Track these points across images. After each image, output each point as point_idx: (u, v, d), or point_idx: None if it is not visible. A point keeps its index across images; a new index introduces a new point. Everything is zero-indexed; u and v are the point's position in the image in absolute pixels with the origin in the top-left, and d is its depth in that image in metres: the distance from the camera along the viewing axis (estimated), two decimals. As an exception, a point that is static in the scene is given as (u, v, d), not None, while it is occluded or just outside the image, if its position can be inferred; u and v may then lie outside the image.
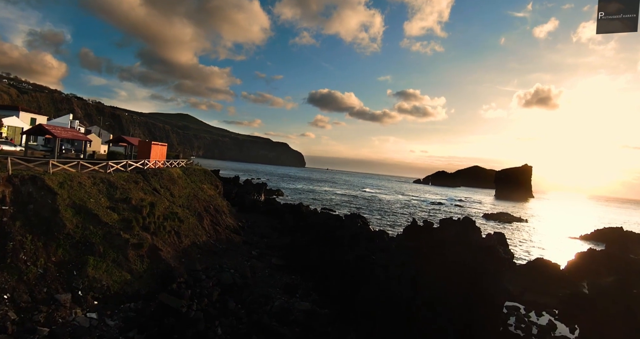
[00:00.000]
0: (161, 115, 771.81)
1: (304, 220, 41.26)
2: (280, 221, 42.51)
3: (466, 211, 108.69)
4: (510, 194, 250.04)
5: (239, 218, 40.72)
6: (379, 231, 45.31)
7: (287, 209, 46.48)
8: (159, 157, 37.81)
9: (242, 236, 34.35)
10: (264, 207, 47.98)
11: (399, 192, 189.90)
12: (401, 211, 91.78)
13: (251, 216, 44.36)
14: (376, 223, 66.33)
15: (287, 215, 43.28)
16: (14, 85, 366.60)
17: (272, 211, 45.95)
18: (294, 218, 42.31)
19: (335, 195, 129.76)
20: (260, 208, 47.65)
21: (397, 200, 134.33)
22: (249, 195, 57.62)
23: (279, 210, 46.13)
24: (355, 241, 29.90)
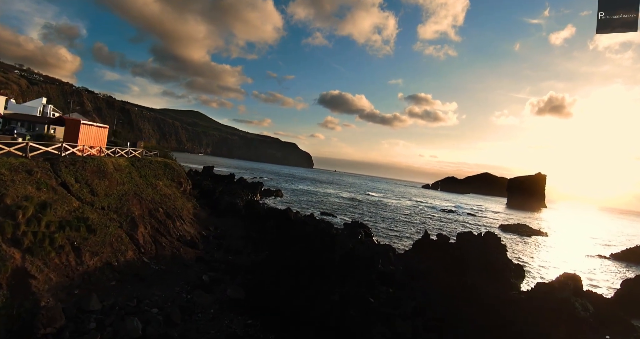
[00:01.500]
0: (171, 111, 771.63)
1: (290, 229, 32.68)
2: (260, 230, 34.05)
3: (481, 222, 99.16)
4: (523, 203, 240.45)
5: (207, 225, 32.42)
6: (384, 247, 36.58)
7: (272, 214, 37.44)
8: (94, 141, 29.75)
9: (199, 250, 25.88)
10: (246, 211, 39.33)
11: (407, 197, 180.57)
12: (409, 219, 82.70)
13: (226, 222, 35.88)
14: (381, 232, 57.47)
15: (271, 221, 34.69)
16: (25, 76, 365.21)
17: (254, 217, 37.27)
18: (278, 226, 33.76)
19: (338, 198, 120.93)
20: (240, 211, 39.10)
21: (404, 205, 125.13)
22: (232, 196, 49.35)
23: (262, 216, 37.32)
24: (348, 266, 21.19)
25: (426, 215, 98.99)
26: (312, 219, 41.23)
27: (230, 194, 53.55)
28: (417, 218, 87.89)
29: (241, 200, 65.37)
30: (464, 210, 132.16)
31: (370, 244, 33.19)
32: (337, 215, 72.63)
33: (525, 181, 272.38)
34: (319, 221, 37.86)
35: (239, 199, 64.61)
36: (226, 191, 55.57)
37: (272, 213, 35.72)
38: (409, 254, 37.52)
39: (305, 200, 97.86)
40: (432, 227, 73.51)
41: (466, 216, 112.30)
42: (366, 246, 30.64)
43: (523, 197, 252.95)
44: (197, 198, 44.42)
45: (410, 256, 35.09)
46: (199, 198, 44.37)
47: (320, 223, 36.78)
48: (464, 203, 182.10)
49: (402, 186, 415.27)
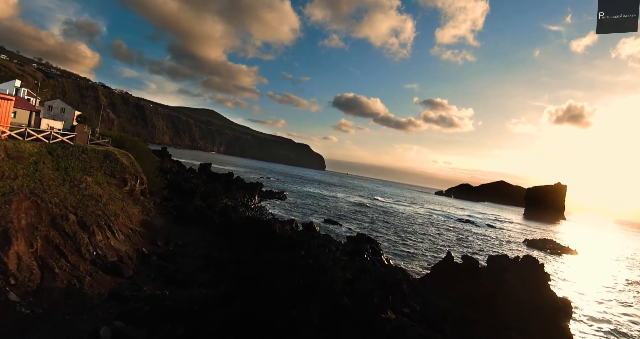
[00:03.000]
0: (186, 109, 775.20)
1: (272, 248, 25.18)
2: (231, 247, 26.39)
3: (502, 235, 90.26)
4: (541, 214, 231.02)
5: (159, 238, 25.06)
6: (395, 273, 28.78)
7: (251, 226, 29.14)
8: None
9: (124, 278, 18.34)
10: (219, 220, 31.45)
11: (420, 204, 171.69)
12: (423, 231, 74.47)
13: (189, 234, 28.26)
14: (391, 248, 49.57)
15: (248, 235, 26.99)
16: (42, 70, 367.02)
17: (226, 228, 29.38)
18: (255, 243, 26.11)
19: (347, 203, 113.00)
20: (211, 220, 31.34)
21: (418, 213, 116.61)
22: (216, 198, 42.15)
23: (237, 227, 29.19)
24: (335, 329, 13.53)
25: (441, 225, 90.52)
26: (307, 233, 33.55)
27: (215, 196, 46.07)
28: (432, 229, 79.58)
29: (233, 203, 58.22)
30: (481, 221, 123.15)
31: (378, 271, 25.40)
32: (342, 223, 64.91)
33: (545, 191, 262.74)
34: (313, 237, 30.21)
35: (231, 202, 57.47)
36: (210, 193, 48.00)
37: (252, 224, 27.79)
38: (427, 282, 29.71)
39: (309, 204, 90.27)
40: (449, 241, 65.26)
41: (485, 228, 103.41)
42: (372, 275, 22.94)
43: (541, 208, 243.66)
44: (168, 200, 37.27)
45: (428, 287, 27.31)
46: (169, 200, 37.23)
47: (315, 239, 29.12)
48: (479, 212, 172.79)
49: (414, 192, 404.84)
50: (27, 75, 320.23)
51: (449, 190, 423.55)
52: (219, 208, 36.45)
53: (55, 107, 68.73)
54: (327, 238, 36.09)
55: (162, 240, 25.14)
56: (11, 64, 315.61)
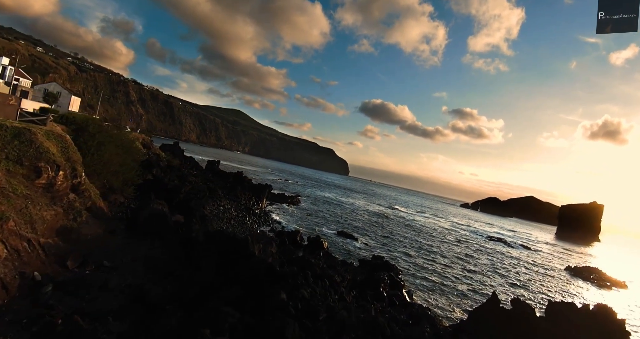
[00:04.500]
0: (214, 109, 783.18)
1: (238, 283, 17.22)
2: (187, 274, 18.32)
3: (541, 260, 79.40)
4: (575, 234, 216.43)
5: (78, 254, 17.49)
6: (418, 317, 20.18)
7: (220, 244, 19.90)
8: None
9: None
10: (183, 232, 23.23)
11: (445, 217, 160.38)
12: (452, 251, 64.97)
13: (138, 250, 20.43)
14: (415, 276, 40.70)
15: (214, 258, 18.91)
16: (76, 64, 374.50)
17: (187, 245, 21.09)
18: (221, 271, 18.04)
19: (366, 212, 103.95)
20: (172, 231, 23.24)
21: (443, 228, 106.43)
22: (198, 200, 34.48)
23: (201, 244, 20.63)
24: None
25: (471, 244, 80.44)
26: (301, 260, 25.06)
27: (200, 198, 38.11)
28: (461, 248, 69.81)
29: (233, 206, 50.61)
30: (513, 240, 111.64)
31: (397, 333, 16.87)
32: (358, 237, 56.28)
33: (580, 210, 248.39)
34: (309, 265, 21.98)
35: (231, 205, 49.87)
36: (195, 194, 40.09)
37: (221, 242, 19.52)
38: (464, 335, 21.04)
39: (323, 211, 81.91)
40: (482, 266, 55.71)
41: (519, 249, 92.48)
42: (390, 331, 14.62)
43: (575, 228, 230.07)
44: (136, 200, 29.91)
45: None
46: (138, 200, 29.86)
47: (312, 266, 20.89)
48: (509, 230, 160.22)
49: (439, 202, 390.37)
50: (61, 67, 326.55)
51: (476, 203, 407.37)
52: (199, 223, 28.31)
53: (51, 90, 63.21)
54: (331, 262, 27.89)
55: (77, 258, 17.49)
56: (46, 56, 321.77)
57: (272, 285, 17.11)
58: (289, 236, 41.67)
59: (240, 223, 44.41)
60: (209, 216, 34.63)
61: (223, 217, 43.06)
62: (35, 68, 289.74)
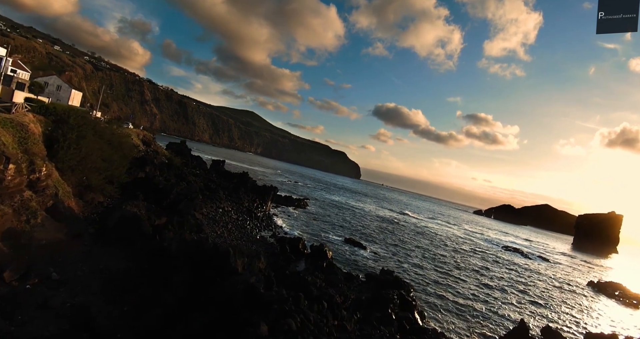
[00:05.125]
0: (228, 110, 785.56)
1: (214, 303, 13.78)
2: (151, 293, 15.01)
3: (561, 273, 74.45)
4: (592, 245, 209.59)
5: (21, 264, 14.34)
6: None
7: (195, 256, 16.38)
8: None
9: None
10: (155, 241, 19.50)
11: (458, 224, 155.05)
12: (466, 262, 60.72)
13: (100, 260, 17.14)
14: (425, 288, 36.85)
15: (186, 273, 15.39)
16: (92, 63, 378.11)
17: (156, 256, 17.48)
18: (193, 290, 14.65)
19: (376, 218, 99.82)
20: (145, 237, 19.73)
21: (456, 236, 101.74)
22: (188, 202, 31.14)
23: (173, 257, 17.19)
24: None
25: (486, 255, 75.79)
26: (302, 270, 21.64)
27: (191, 199, 34.62)
28: (476, 260, 65.37)
29: (234, 209, 47.29)
30: (529, 251, 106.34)
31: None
32: (366, 246, 52.45)
33: (598, 220, 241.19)
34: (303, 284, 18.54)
35: (231, 207, 46.54)
36: (185, 195, 36.68)
37: (196, 254, 15.95)
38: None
39: (331, 216, 78.13)
40: (501, 280, 51.41)
41: (537, 260, 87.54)
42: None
43: (593, 238, 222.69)
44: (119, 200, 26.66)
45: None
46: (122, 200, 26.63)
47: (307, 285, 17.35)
48: (524, 239, 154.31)
49: (451, 209, 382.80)
50: (77, 66, 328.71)
51: (489, 210, 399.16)
52: (160, 221, 24.68)
53: (51, 84, 60.84)
54: (333, 278, 24.26)
55: (18, 268, 14.25)
56: (63, 55, 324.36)
57: (252, 313, 13.59)
58: (290, 244, 38.22)
59: (238, 228, 41.05)
60: (200, 220, 31.33)
61: (220, 221, 39.76)
62: (52, 66, 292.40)
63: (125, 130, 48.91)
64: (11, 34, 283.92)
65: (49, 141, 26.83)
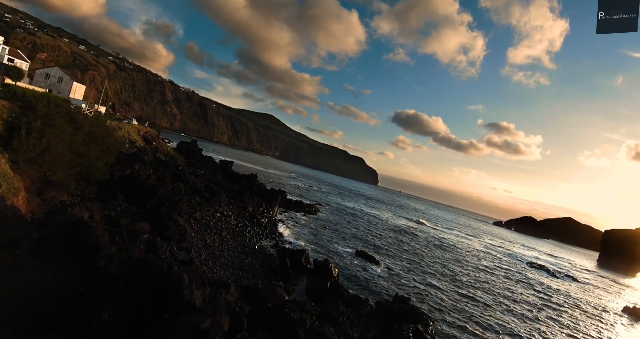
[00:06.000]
0: (247, 112, 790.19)
1: None
2: (81, 322, 10.96)
3: (594, 297, 67.49)
4: (619, 262, 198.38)
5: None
6: None
7: (140, 281, 12.29)
8: None
9: None
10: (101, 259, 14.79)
11: (478, 236, 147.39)
12: (490, 282, 54.93)
13: (27, 276, 13.39)
14: (444, 316, 31.63)
15: (122, 304, 11.40)
16: (115, 62, 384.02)
17: (100, 277, 13.39)
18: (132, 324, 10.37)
19: (392, 227, 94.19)
20: (95, 250, 15.17)
21: (477, 250, 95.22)
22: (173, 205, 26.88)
23: (113, 276, 12.92)
24: None
25: (511, 273, 69.39)
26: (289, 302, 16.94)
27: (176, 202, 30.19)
28: (501, 279, 59.26)
29: (234, 214, 42.88)
30: (556, 268, 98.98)
31: None
32: (380, 260, 47.30)
33: (627, 236, 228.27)
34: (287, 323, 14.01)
35: (231, 211, 42.14)
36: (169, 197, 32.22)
37: (141, 280, 11.93)
38: None
39: (343, 224, 73.09)
40: (529, 305, 45.54)
41: (566, 280, 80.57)
42: None
43: (620, 255, 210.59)
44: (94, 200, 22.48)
45: None
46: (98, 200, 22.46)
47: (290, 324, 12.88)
48: (548, 254, 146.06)
49: (470, 219, 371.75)
50: (101, 65, 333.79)
51: (509, 222, 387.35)
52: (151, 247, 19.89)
53: (53, 75, 58.03)
54: (329, 314, 19.44)
55: None
56: (87, 54, 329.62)
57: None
58: (292, 257, 33.59)
59: (235, 236, 36.61)
60: (184, 226, 26.95)
61: (214, 227, 35.42)
62: (76, 64, 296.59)
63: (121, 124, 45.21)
64: (37, 33, 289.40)
65: (10, 128, 23.02)
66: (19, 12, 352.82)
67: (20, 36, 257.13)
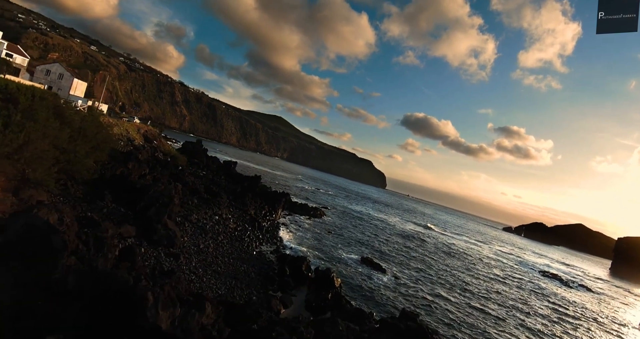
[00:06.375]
0: (256, 114, 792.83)
1: None
2: None
3: (611, 309, 64.37)
4: (632, 270, 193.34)
5: None
6: None
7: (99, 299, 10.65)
8: None
9: None
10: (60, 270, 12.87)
11: (488, 242, 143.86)
12: (501, 291, 52.31)
13: None
14: (455, 336, 29.29)
15: (68, 328, 9.54)
16: (126, 63, 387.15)
17: (55, 292, 11.72)
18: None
19: (399, 232, 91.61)
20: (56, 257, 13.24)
21: (487, 257, 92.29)
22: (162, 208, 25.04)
23: (71, 292, 11.32)
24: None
25: (523, 282, 66.51)
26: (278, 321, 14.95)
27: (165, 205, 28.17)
28: (513, 289, 56.51)
29: (232, 216, 40.91)
30: (568, 277, 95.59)
31: None
32: (386, 268, 44.97)
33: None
34: None
35: (229, 213, 40.16)
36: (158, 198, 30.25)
37: (100, 297, 10.21)
38: None
39: (349, 228, 70.85)
40: (543, 318, 42.91)
41: (581, 290, 77.41)
42: None
43: (634, 264, 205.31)
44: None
45: None
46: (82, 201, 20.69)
47: None
48: (560, 262, 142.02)
49: (480, 224, 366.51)
50: (111, 65, 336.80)
51: (519, 228, 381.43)
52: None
53: (54, 71, 56.73)
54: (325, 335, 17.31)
55: None
56: (98, 55, 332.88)
57: None
58: (292, 264, 31.51)
59: (232, 240, 34.61)
60: (173, 230, 25.01)
61: (210, 231, 33.45)
62: (87, 64, 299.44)
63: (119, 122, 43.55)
64: (49, 33, 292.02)
65: (-12, 123, 21.31)
66: (33, 13, 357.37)
67: (32, 36, 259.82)
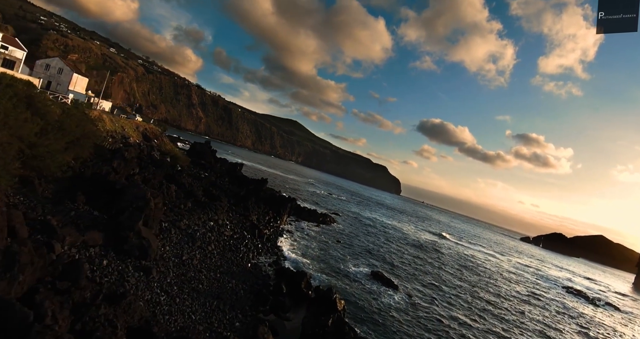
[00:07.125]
0: (272, 118, 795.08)
1: None
2: None
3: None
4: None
5: None
6: None
7: None
8: None
9: None
10: None
11: (506, 254, 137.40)
12: (523, 312, 47.51)
13: None
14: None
15: None
16: (143, 65, 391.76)
17: None
18: None
19: (413, 242, 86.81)
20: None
21: (505, 270, 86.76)
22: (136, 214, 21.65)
23: None
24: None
25: (547, 300, 61.23)
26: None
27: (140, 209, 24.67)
28: (538, 310, 51.49)
29: (231, 224, 37.34)
30: (592, 293, 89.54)
31: None
32: (398, 284, 40.71)
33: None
34: None
35: (228, 221, 36.58)
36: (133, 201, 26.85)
37: None
38: None
39: (361, 237, 66.63)
40: None
41: (608, 310, 71.62)
42: None
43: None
44: None
45: None
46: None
47: None
48: (582, 276, 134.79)
49: (496, 234, 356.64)
50: (129, 67, 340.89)
51: (537, 238, 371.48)
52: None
53: (53, 66, 54.39)
54: None
55: None
56: (117, 57, 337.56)
57: None
58: (291, 280, 27.77)
59: (225, 249, 31.00)
60: (148, 239, 21.51)
61: (200, 239, 29.89)
62: (106, 66, 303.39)
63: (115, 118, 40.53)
64: (69, 35, 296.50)
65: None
66: (55, 16, 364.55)
67: (53, 37, 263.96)
